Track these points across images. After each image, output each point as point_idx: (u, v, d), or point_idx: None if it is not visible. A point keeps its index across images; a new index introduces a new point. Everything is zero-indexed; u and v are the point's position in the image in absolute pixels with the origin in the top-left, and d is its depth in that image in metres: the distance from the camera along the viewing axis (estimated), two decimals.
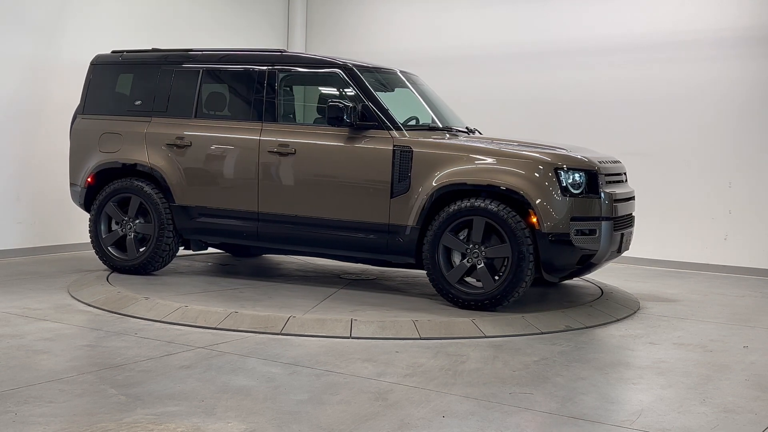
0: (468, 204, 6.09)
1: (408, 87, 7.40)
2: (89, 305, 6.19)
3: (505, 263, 6.02)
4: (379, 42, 11.05)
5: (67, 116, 8.81)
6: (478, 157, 6.23)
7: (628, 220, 6.61)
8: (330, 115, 6.44)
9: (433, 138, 6.52)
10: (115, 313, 5.95)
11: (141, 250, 7.23)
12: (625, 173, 6.89)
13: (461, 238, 6.15)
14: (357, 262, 7.13)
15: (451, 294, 6.20)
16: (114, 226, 7.39)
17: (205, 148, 7.09)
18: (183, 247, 7.46)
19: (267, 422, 3.77)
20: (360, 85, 6.66)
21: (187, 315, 5.77)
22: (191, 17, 10.24)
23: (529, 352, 5.21)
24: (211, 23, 10.49)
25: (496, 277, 6.06)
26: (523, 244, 5.92)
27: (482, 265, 6.07)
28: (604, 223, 6.11)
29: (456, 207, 6.13)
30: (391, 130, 6.47)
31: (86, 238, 8.90)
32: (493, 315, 6.03)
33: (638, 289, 7.66)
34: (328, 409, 3.99)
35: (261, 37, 11.20)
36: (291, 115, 7.22)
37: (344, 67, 6.77)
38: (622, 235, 6.43)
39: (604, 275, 8.09)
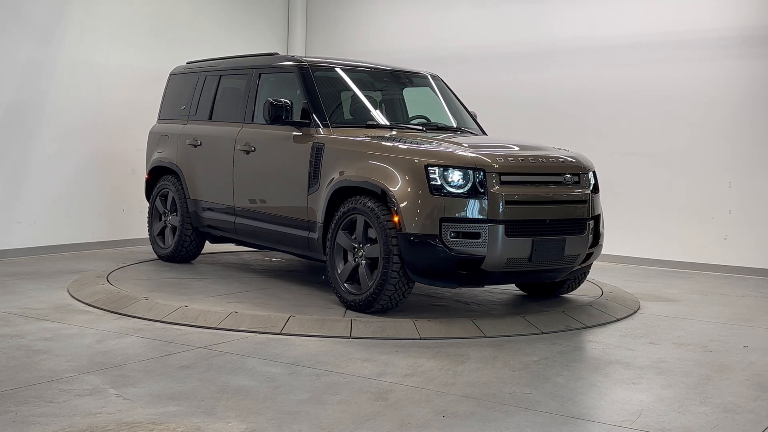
0: (353, 203, 6.00)
1: (429, 87, 7.59)
2: (89, 305, 6.19)
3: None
4: (379, 42, 11.05)
5: (67, 116, 8.86)
6: (374, 154, 6.04)
7: (558, 226, 5.90)
8: (267, 113, 6.52)
9: (349, 136, 6.37)
10: (115, 313, 5.95)
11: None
12: (574, 174, 6.06)
13: (354, 237, 6.04)
14: (302, 258, 7.17)
15: (339, 294, 6.11)
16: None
17: (207, 148, 7.61)
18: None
19: (267, 422, 3.77)
20: (305, 84, 6.72)
21: (187, 315, 5.76)
22: (192, 18, 10.23)
23: (529, 352, 5.21)
24: (211, 24, 10.48)
25: None
26: (388, 244, 5.69)
27: (362, 265, 5.96)
28: (492, 227, 5.60)
29: (346, 206, 6.05)
30: (319, 127, 6.49)
31: (84, 238, 9.14)
32: (493, 315, 6.03)
33: (638, 289, 7.66)
34: (328, 409, 3.99)
35: (261, 37, 11.20)
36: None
37: (298, 68, 6.85)
38: (534, 241, 5.73)
39: (605, 275, 8.09)
